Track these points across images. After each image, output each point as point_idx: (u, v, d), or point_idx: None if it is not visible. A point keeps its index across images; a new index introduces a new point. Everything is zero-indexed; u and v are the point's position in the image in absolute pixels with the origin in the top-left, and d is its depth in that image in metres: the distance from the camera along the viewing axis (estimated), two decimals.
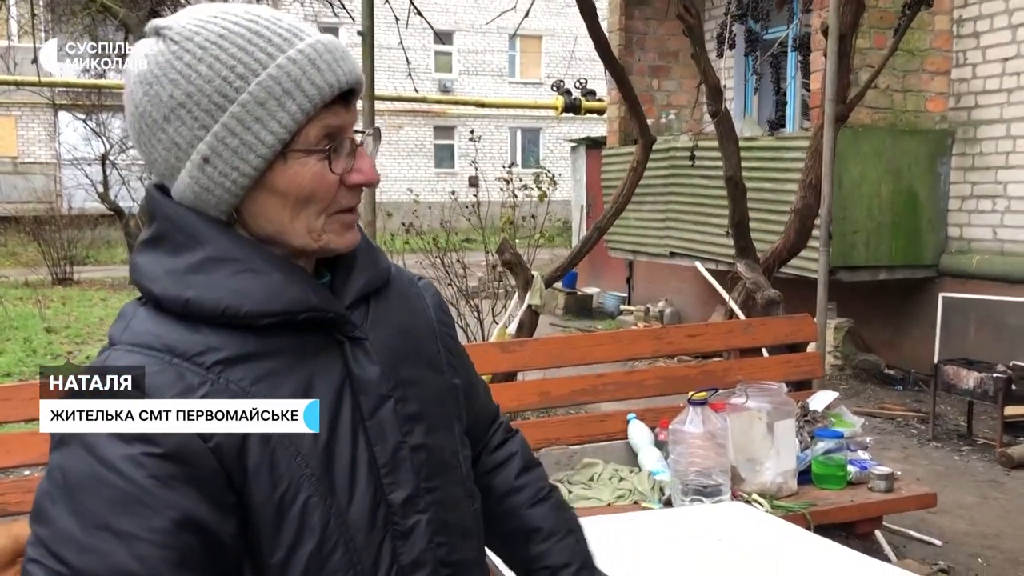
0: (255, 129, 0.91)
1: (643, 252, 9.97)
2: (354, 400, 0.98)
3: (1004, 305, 6.87)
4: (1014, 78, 6.91)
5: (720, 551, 2.22)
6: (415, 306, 1.14)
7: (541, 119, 26.70)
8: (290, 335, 0.95)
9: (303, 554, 0.92)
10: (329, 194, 0.96)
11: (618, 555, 2.15)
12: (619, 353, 3.74)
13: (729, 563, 2.11)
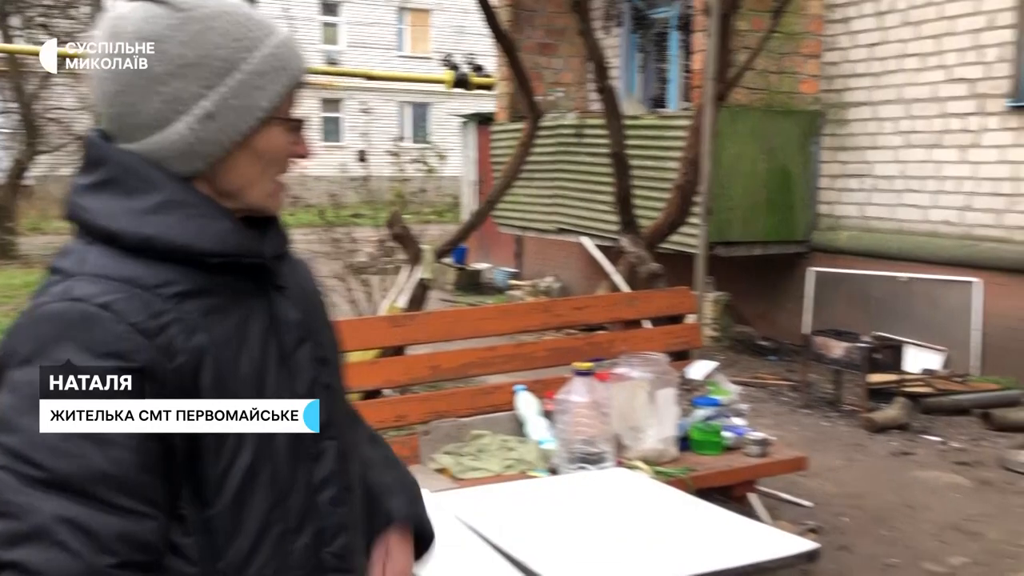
0: (255, 95, 1.06)
1: (532, 228, 10.06)
2: (279, 339, 1.11)
3: (870, 279, 7.28)
4: (880, 63, 7.28)
5: (603, 516, 2.29)
6: (305, 270, 1.28)
7: (431, 94, 26.47)
8: (232, 277, 1.08)
9: (239, 467, 1.04)
10: (287, 160, 1.13)
11: (505, 523, 2.19)
12: (509, 326, 3.78)
13: (612, 527, 2.18)
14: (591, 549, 2.00)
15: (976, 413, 5.60)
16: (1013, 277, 6.30)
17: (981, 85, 6.55)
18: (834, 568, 3.53)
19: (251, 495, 1.05)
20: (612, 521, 2.24)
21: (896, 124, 7.18)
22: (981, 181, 6.57)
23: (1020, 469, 4.68)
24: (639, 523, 2.22)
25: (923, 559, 3.64)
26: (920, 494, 4.38)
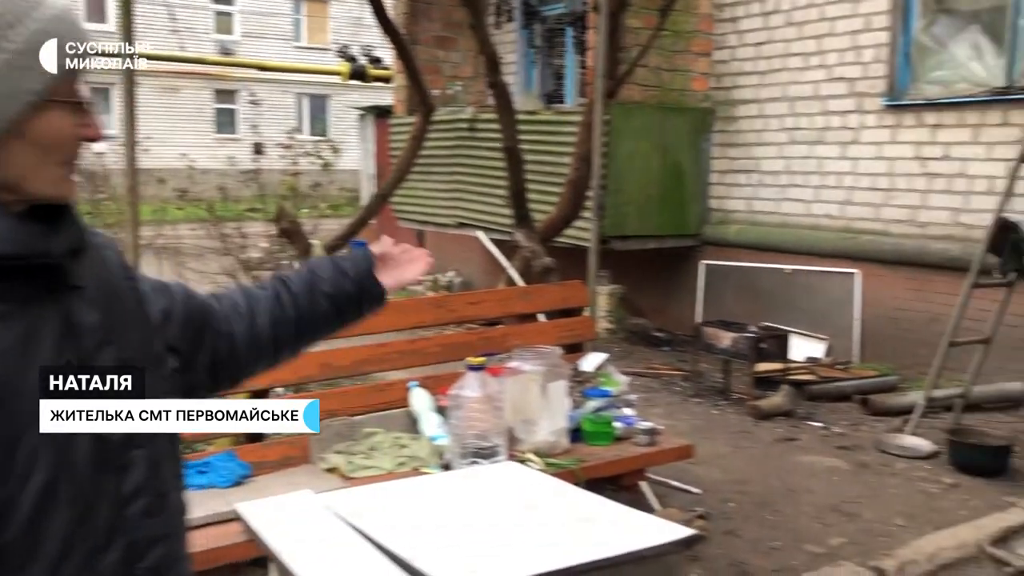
0: (22, 77, 0.95)
1: (432, 222, 10.03)
2: (76, 345, 1.03)
3: (758, 271, 7.53)
4: (766, 62, 7.53)
5: (491, 510, 2.30)
6: (107, 257, 1.18)
7: (329, 86, 26.02)
8: (16, 280, 0.98)
9: (33, 488, 0.95)
10: (73, 145, 1.02)
11: (392, 521, 2.18)
12: (402, 322, 3.76)
13: (498, 521, 2.19)
14: (475, 544, 2.00)
15: (856, 399, 5.86)
16: (890, 268, 6.63)
17: (859, 84, 6.85)
18: (721, 552, 3.64)
19: (49, 516, 0.97)
20: (499, 515, 2.25)
21: (781, 121, 7.44)
22: (860, 176, 6.88)
23: (895, 452, 4.92)
24: (525, 516, 2.23)
25: (804, 541, 3.79)
26: (802, 478, 4.56)
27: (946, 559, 3.60)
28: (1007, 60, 6.13)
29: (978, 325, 5.35)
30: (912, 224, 6.53)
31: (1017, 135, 5.50)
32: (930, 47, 6.57)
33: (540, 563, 1.85)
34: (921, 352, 6.03)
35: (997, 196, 5.19)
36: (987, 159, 6.09)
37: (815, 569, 3.45)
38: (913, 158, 6.52)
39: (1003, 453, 4.66)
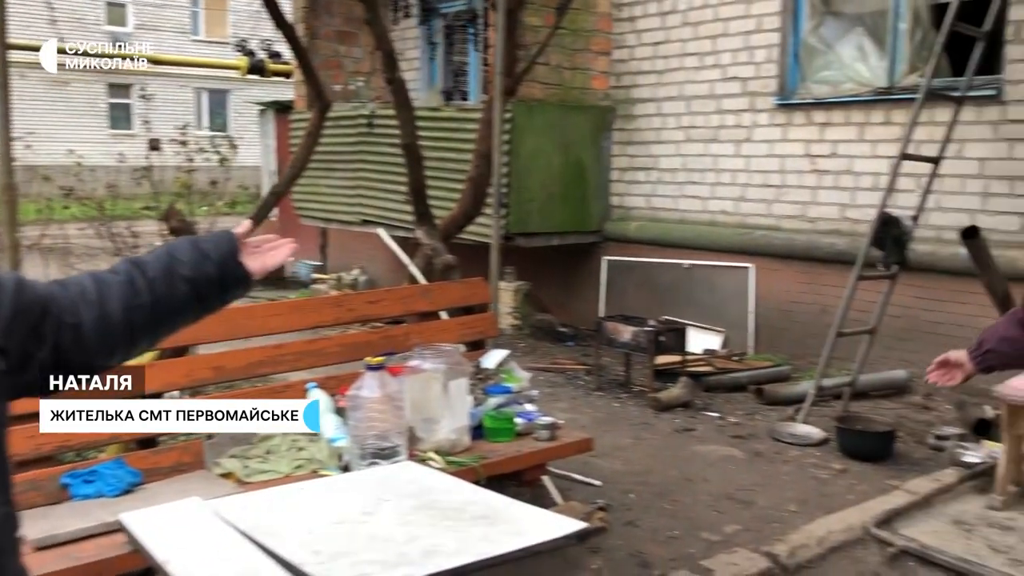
0: None
1: (335, 219, 9.89)
2: None
3: (657, 266, 7.69)
4: (663, 61, 7.69)
5: (387, 511, 2.28)
6: None
7: (229, 80, 25.35)
8: None
9: None
10: None
11: (286, 525, 2.14)
12: (300, 322, 3.69)
13: (394, 521, 2.18)
14: (370, 547, 1.98)
15: (751, 389, 6.05)
16: (782, 262, 6.86)
17: (752, 84, 7.07)
18: (621, 543, 3.71)
19: None
20: (396, 516, 2.24)
21: (678, 120, 7.61)
22: (753, 174, 7.10)
23: (787, 440, 5.10)
24: (422, 516, 2.22)
25: (701, 529, 3.89)
26: (700, 467, 4.68)
27: (835, 542, 3.75)
28: (889, 62, 6.42)
29: (864, 316, 5.59)
30: (802, 219, 6.78)
31: (899, 133, 5.76)
32: (818, 48, 6.82)
33: (434, 563, 1.84)
34: (811, 343, 6.26)
35: (881, 192, 5.43)
36: (872, 156, 6.37)
37: (711, 556, 3.54)
38: (803, 155, 6.76)
39: (888, 438, 4.88)
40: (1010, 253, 5.40)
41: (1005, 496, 4.10)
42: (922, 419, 5.47)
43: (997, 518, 4.01)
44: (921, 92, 5.20)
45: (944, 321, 5.91)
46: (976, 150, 5.80)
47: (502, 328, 7.61)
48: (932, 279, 5.90)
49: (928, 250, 5.88)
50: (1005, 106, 5.65)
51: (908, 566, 3.60)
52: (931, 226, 5.92)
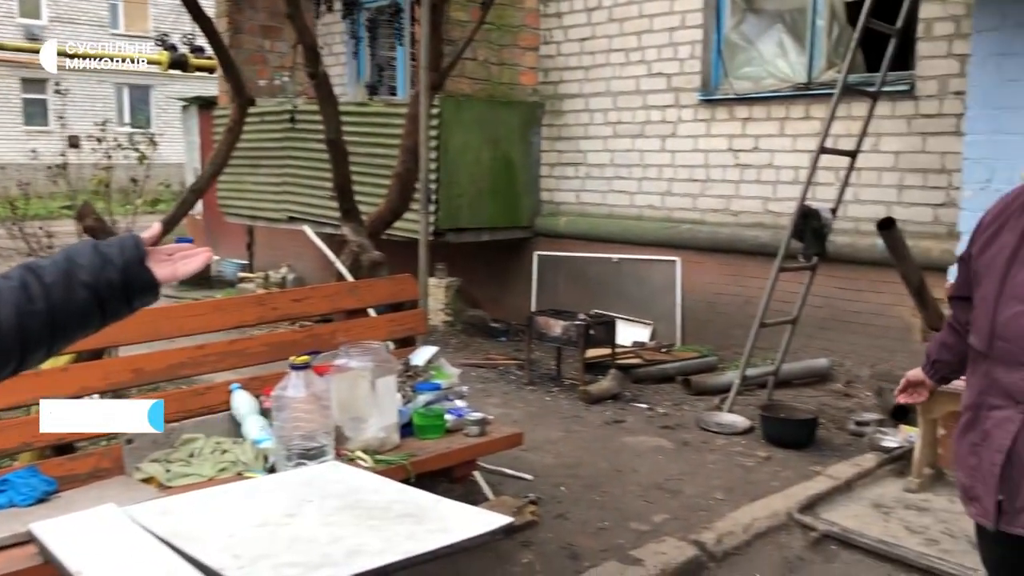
0: None
1: (262, 217, 9.71)
2: None
3: (587, 260, 7.75)
4: (590, 56, 7.74)
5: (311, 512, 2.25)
6: None
7: (151, 75, 24.67)
8: None
9: None
10: None
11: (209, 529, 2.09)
12: (221, 322, 3.61)
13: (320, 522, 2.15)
14: (293, 548, 1.95)
15: (679, 380, 6.15)
16: (707, 255, 6.98)
17: (676, 80, 7.16)
18: (552, 536, 3.73)
19: None
20: (320, 516, 2.21)
21: (605, 115, 7.67)
22: (679, 168, 7.20)
23: (714, 429, 5.19)
24: (347, 516, 2.20)
25: (631, 519, 3.93)
26: (629, 458, 4.73)
27: (760, 528, 3.84)
28: (808, 58, 6.57)
29: (787, 306, 5.72)
30: (726, 213, 6.90)
31: (818, 128, 5.90)
32: (740, 45, 6.95)
33: (358, 564, 1.83)
34: (736, 333, 6.39)
35: (801, 185, 5.55)
36: (792, 150, 6.51)
37: (640, 546, 3.58)
38: (726, 150, 6.88)
39: (810, 425, 5.01)
40: (924, 243, 5.59)
41: (921, 479, 4.25)
42: (843, 406, 5.63)
43: (914, 500, 4.15)
44: (838, 88, 5.34)
45: (863, 310, 6.09)
46: (891, 144, 5.98)
47: (433, 325, 7.58)
48: (851, 269, 6.07)
49: (847, 241, 6.05)
50: (917, 101, 5.84)
51: (830, 550, 3.70)
52: (849, 218, 6.09)
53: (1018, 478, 2.01)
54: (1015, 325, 2.00)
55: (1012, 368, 2.01)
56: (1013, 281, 2.02)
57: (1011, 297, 2.02)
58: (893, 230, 4.64)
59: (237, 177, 9.63)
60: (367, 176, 7.48)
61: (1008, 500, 2.03)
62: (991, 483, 2.05)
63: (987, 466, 2.07)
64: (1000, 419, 2.04)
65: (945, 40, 5.68)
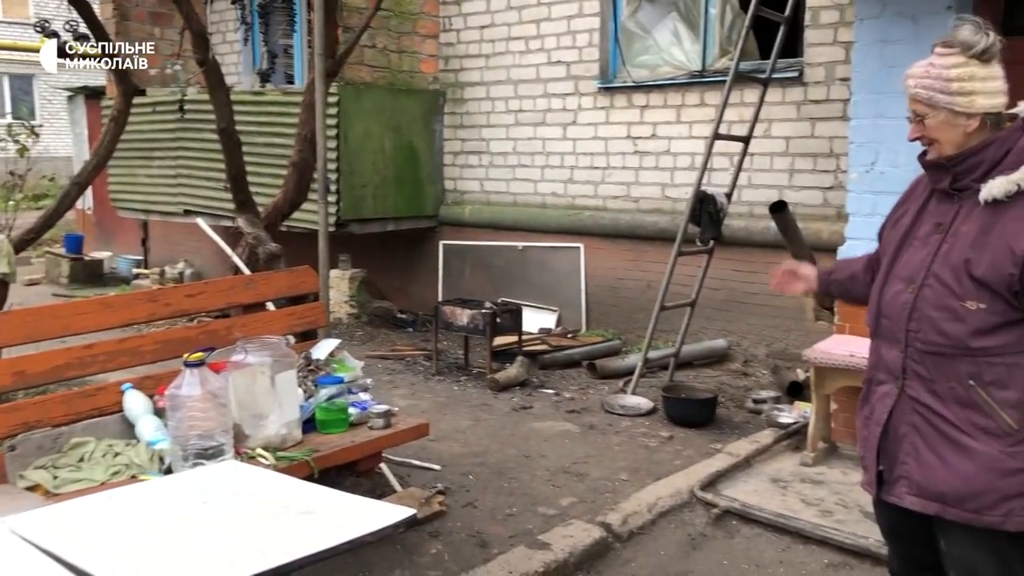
0: None
1: (156, 211, 9.38)
2: None
3: (492, 249, 7.76)
4: (490, 44, 7.73)
5: (209, 514, 2.18)
6: None
7: (35, 64, 23.45)
8: None
9: None
10: None
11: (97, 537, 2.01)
12: (110, 320, 3.46)
13: (216, 524, 2.09)
14: (185, 552, 1.89)
15: (584, 365, 6.22)
16: (608, 241, 7.08)
17: (576, 68, 7.22)
18: (461, 525, 3.72)
19: None
20: (216, 518, 2.15)
21: (507, 103, 7.68)
22: (580, 156, 7.27)
23: (618, 411, 5.28)
24: (244, 517, 2.14)
25: (538, 504, 3.96)
26: (536, 444, 4.76)
27: (663, 507, 3.91)
28: (702, 46, 6.71)
29: (686, 290, 5.86)
30: (627, 199, 7.01)
31: (712, 115, 6.04)
32: (636, 33, 7.05)
33: (255, 564, 1.78)
34: (639, 317, 6.51)
35: (697, 171, 5.68)
36: (688, 137, 6.65)
37: (548, 530, 3.61)
38: (625, 138, 6.98)
39: (710, 404, 5.14)
40: (815, 225, 5.79)
41: (816, 452, 4.41)
42: (741, 385, 5.80)
43: (809, 473, 4.31)
44: (730, 75, 5.47)
45: (758, 291, 6.28)
46: (782, 129, 6.17)
47: (338, 317, 7.48)
48: (747, 252, 6.24)
49: (742, 225, 6.22)
50: (806, 87, 6.04)
51: (731, 525, 3.81)
52: (744, 202, 6.26)
53: (894, 450, 2.10)
54: (894, 303, 2.08)
55: (891, 345, 2.10)
56: (900, 261, 2.10)
57: (895, 277, 2.10)
58: (785, 213, 4.79)
59: (129, 170, 9.28)
60: (264, 167, 7.31)
61: (887, 470, 2.13)
62: (872, 454, 2.15)
63: (870, 437, 2.16)
64: (882, 394, 2.13)
65: (831, 28, 5.89)
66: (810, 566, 3.45)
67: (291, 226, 6.52)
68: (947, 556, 2.10)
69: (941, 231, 2.04)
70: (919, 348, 2.03)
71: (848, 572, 3.37)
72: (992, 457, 1.96)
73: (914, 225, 2.12)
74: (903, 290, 2.07)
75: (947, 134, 2.01)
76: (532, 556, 3.35)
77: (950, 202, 2.05)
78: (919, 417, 2.05)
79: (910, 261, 2.08)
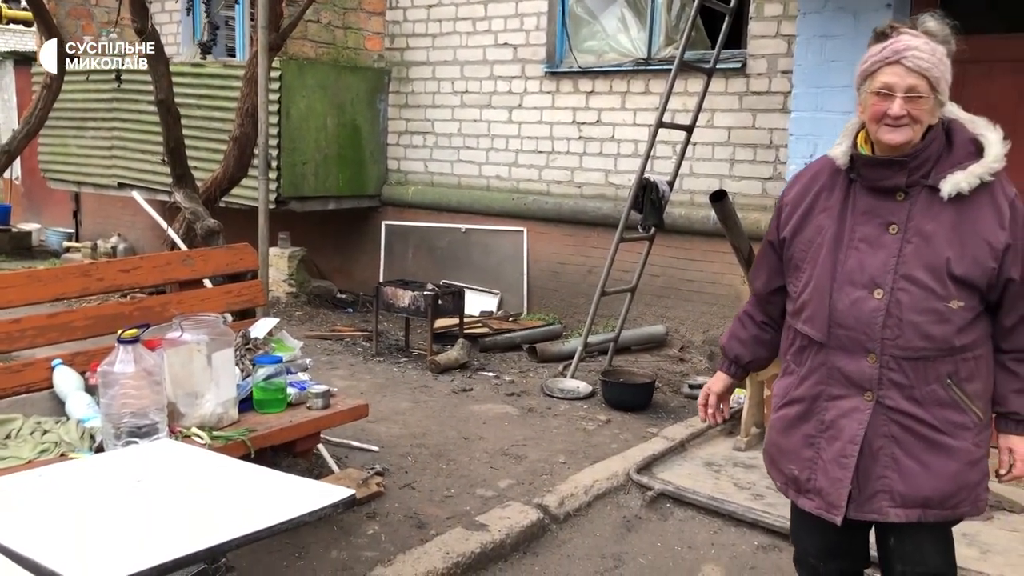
0: None
1: (89, 183, 9.12)
2: None
3: (435, 230, 7.73)
4: (437, 24, 7.67)
5: (141, 493, 2.14)
6: None
7: None
8: None
9: None
10: None
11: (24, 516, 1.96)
12: (39, 294, 3.36)
13: (147, 504, 2.05)
14: (115, 532, 1.86)
15: (525, 348, 6.25)
16: (551, 226, 7.11)
17: (523, 51, 7.21)
18: (399, 506, 3.72)
19: None
20: (152, 497, 2.11)
21: (453, 84, 7.64)
22: (525, 140, 7.27)
23: (558, 395, 5.32)
24: (182, 495, 2.11)
25: (477, 486, 3.98)
26: (476, 426, 4.78)
27: (600, 489, 3.96)
28: (648, 34, 6.75)
29: (627, 276, 5.92)
30: (570, 185, 7.04)
31: (657, 103, 6.10)
32: (584, 18, 7.06)
33: (191, 544, 1.75)
34: (580, 302, 6.57)
35: (640, 158, 5.73)
36: (633, 124, 6.70)
37: (486, 512, 3.63)
38: (571, 123, 7.00)
39: (647, 389, 5.21)
40: (753, 215, 5.89)
41: (748, 437, 4.51)
42: (678, 370, 5.90)
43: (742, 458, 4.40)
44: (675, 64, 5.51)
45: (697, 279, 6.38)
46: (724, 119, 6.26)
47: (276, 296, 7.38)
48: (686, 240, 6.33)
49: (683, 213, 6.30)
50: (748, 78, 6.13)
51: (665, 507, 3.88)
52: (685, 190, 6.34)
53: (867, 466, 2.00)
54: (856, 311, 1.95)
55: (855, 355, 1.97)
56: (845, 267, 1.97)
57: (846, 283, 1.97)
58: (724, 202, 4.86)
59: (61, 140, 9.00)
60: (203, 141, 7.16)
61: (858, 488, 2.01)
62: (841, 474, 2.01)
63: (833, 457, 2.02)
64: (847, 409, 2.00)
65: (774, 20, 5.98)
66: (741, 547, 3.53)
67: (229, 202, 6.40)
68: (895, 552, 2.08)
69: (897, 231, 1.93)
70: (896, 355, 1.93)
71: (777, 554, 3.46)
72: (967, 451, 1.97)
73: (842, 227, 1.99)
74: (866, 296, 1.94)
75: (927, 121, 1.91)
76: (469, 537, 3.37)
77: (892, 200, 1.95)
78: (896, 426, 1.97)
79: (863, 265, 1.95)
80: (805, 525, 2.22)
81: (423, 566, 3.14)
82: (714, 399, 2.40)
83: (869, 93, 1.93)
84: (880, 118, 1.91)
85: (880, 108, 1.90)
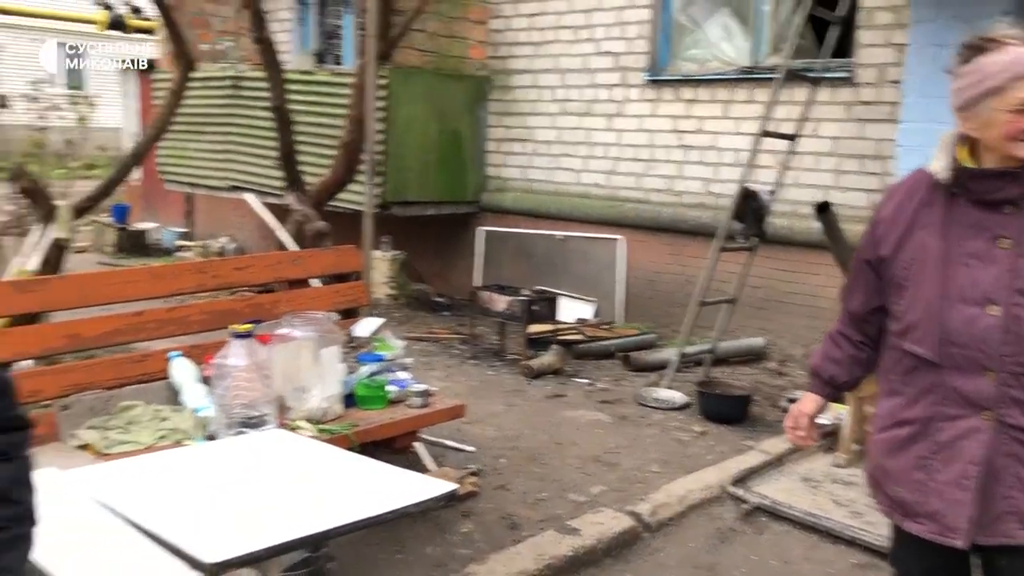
0: None
1: (203, 185, 9.53)
2: None
3: (532, 237, 7.79)
4: (539, 33, 7.74)
5: (254, 479, 2.25)
6: None
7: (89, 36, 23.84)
8: None
9: None
10: None
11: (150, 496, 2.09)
12: (159, 289, 3.56)
13: (262, 490, 2.16)
14: (235, 513, 1.96)
15: (619, 356, 6.24)
16: (649, 234, 7.07)
17: (624, 59, 7.21)
18: (492, 506, 3.78)
19: None
20: (262, 483, 2.22)
21: (553, 92, 7.69)
22: (624, 148, 7.26)
23: (652, 404, 5.29)
24: (289, 482, 2.21)
25: (569, 491, 4.00)
26: (568, 432, 4.80)
27: (694, 500, 3.94)
28: (752, 42, 6.67)
29: (725, 286, 5.84)
30: (669, 193, 7.00)
31: (760, 111, 6.00)
32: (687, 26, 7.02)
33: (300, 528, 1.84)
34: (676, 312, 6.51)
35: (742, 167, 5.66)
36: (735, 133, 6.62)
37: (578, 516, 3.66)
38: (671, 131, 6.96)
39: (744, 402, 5.14)
40: (859, 227, 5.69)
41: (849, 455, 4.40)
42: (776, 384, 5.79)
43: (841, 475, 4.30)
44: (781, 72, 5.43)
45: (798, 292, 6.25)
46: (830, 129, 6.12)
47: (377, 298, 7.56)
48: (788, 251, 6.21)
49: (785, 224, 6.19)
50: (857, 88, 5.98)
51: (761, 521, 3.82)
52: (788, 201, 6.22)
53: (992, 487, 1.92)
54: (971, 329, 1.89)
55: (971, 374, 1.91)
56: (955, 283, 1.91)
57: (958, 300, 1.90)
58: (829, 213, 4.76)
59: (178, 143, 9.43)
60: (311, 146, 7.40)
61: (980, 511, 1.94)
62: (961, 495, 1.94)
63: (951, 479, 1.95)
64: (964, 429, 1.93)
65: (885, 29, 5.82)
66: (837, 564, 3.46)
67: (335, 205, 6.59)
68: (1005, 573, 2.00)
69: (1009, 246, 1.87)
70: (1017, 372, 1.87)
71: (876, 573, 3.38)
72: None
73: (946, 243, 1.93)
74: (980, 314, 1.87)
75: None
76: (561, 541, 3.40)
77: (999, 213, 1.90)
78: (1019, 445, 1.89)
79: (976, 281, 1.89)
80: (910, 549, 2.14)
81: (515, 566, 3.19)
82: (806, 421, 2.34)
83: (1001, 111, 1.86)
84: (1017, 135, 1.85)
85: (1019, 125, 1.84)
